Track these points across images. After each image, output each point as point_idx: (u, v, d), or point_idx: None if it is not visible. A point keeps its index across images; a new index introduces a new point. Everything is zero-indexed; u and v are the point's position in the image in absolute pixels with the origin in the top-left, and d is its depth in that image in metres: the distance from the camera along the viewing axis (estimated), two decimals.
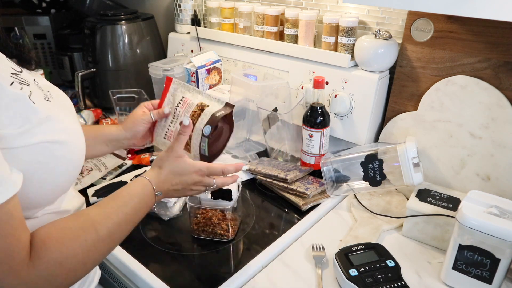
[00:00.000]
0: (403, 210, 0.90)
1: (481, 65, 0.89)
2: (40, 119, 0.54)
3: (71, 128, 0.60)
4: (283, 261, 0.81)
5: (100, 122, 1.40)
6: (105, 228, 0.58)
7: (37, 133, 0.53)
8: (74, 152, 0.60)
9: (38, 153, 0.54)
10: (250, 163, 1.10)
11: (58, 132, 0.57)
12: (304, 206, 0.95)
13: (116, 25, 1.40)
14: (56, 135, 0.56)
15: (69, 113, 0.64)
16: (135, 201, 0.64)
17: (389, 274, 0.71)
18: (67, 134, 0.58)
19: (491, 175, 0.90)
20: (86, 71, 1.42)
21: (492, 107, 0.88)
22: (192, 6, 1.39)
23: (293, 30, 1.16)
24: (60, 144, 0.57)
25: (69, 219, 0.57)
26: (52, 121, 0.56)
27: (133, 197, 0.64)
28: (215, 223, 0.85)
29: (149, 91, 1.32)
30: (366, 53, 1.01)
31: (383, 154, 0.92)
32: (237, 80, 1.16)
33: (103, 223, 0.58)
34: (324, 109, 1.04)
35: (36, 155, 0.54)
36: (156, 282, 0.74)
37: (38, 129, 0.54)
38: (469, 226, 0.68)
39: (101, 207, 0.61)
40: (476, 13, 0.64)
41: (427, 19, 0.95)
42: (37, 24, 1.65)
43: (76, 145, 0.61)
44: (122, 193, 0.64)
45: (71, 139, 0.59)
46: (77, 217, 0.58)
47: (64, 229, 0.55)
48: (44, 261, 0.51)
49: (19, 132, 0.51)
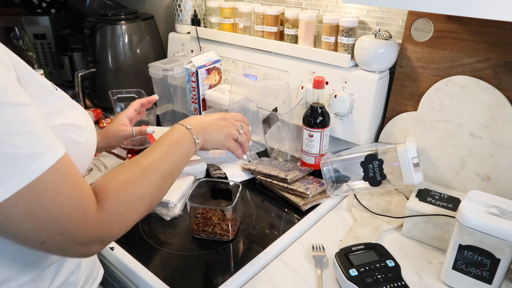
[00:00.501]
0: (403, 210, 0.90)
1: (481, 65, 0.89)
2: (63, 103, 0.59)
3: (84, 115, 0.64)
4: (283, 261, 0.81)
5: (100, 122, 1.40)
6: (150, 166, 0.62)
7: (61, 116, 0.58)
8: (90, 139, 0.64)
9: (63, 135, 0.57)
10: (250, 163, 1.10)
11: (76, 117, 0.61)
12: (304, 206, 0.95)
13: (116, 25, 1.40)
14: (76, 120, 0.60)
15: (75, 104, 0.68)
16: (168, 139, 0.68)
17: (389, 274, 0.71)
18: (82, 120, 0.62)
19: (491, 175, 0.90)
20: (86, 71, 1.42)
21: (492, 107, 0.88)
22: (192, 6, 1.39)
23: (293, 30, 1.16)
24: (80, 128, 0.61)
25: (121, 168, 0.61)
26: (72, 107, 0.61)
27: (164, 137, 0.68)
28: (215, 223, 0.85)
29: (149, 91, 1.32)
30: (366, 53, 1.01)
31: (383, 154, 0.92)
32: (237, 80, 1.16)
33: (152, 170, 0.62)
34: (324, 109, 1.04)
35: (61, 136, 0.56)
36: (156, 282, 0.74)
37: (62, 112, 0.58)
38: (469, 226, 0.68)
39: (142, 152, 0.65)
40: (476, 13, 0.64)
41: (427, 19, 0.95)
42: (37, 24, 1.65)
43: (91, 132, 0.65)
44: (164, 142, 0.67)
45: (86, 125, 0.63)
46: (129, 166, 0.61)
47: (119, 175, 0.59)
48: (110, 202, 0.54)
49: (47, 112, 0.55)
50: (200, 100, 1.24)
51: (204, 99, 1.24)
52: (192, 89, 1.24)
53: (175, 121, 1.35)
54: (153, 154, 0.64)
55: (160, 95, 1.34)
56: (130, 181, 0.58)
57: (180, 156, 0.67)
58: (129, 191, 0.57)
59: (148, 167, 0.61)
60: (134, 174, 0.59)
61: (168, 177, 0.64)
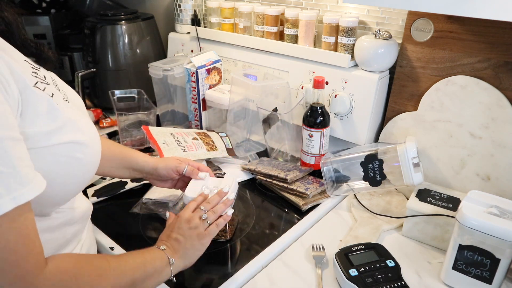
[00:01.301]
0: (403, 210, 0.90)
1: (481, 65, 0.89)
2: (63, 120, 0.56)
3: (89, 129, 0.62)
4: (283, 261, 0.81)
5: (100, 122, 1.40)
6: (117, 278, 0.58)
7: (60, 134, 0.55)
8: (92, 153, 0.61)
9: (61, 154, 0.55)
10: (250, 163, 1.10)
11: (78, 133, 0.58)
12: (304, 206, 0.95)
13: (116, 25, 1.40)
14: (76, 136, 0.58)
15: (84, 114, 0.66)
16: (150, 271, 0.63)
17: (389, 274, 0.71)
18: (85, 135, 0.60)
19: (491, 175, 0.90)
20: (86, 71, 1.42)
21: (492, 107, 0.88)
22: (192, 6, 1.39)
23: (293, 30, 1.16)
24: (80, 145, 0.58)
25: (88, 255, 0.60)
26: (72, 122, 0.58)
27: (148, 266, 0.63)
28: None
29: (149, 91, 1.32)
30: (366, 53, 1.01)
31: (383, 154, 0.92)
32: (237, 80, 1.16)
33: (116, 275, 0.58)
34: (324, 109, 1.04)
35: (59, 155, 0.55)
36: None
37: (61, 130, 0.55)
38: (469, 226, 0.68)
39: (121, 260, 0.61)
40: (476, 13, 0.64)
41: (427, 19, 0.95)
42: (37, 24, 1.65)
43: (94, 145, 0.62)
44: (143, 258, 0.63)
45: (89, 140, 0.61)
46: (96, 257, 0.60)
47: (85, 262, 0.57)
48: (56, 278, 0.51)
49: (45, 131, 0.53)
50: (200, 100, 1.24)
51: (204, 99, 1.25)
52: (192, 89, 1.24)
53: (175, 121, 1.36)
54: (129, 259, 0.61)
55: (160, 95, 1.34)
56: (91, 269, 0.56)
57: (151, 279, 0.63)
58: (82, 279, 0.54)
59: (114, 277, 0.58)
60: (98, 267, 0.57)
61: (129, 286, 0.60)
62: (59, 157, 0.55)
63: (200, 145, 1.10)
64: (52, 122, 0.54)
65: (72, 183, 0.60)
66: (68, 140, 0.56)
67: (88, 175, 0.63)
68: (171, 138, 1.08)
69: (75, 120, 0.59)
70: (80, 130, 0.59)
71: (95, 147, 0.63)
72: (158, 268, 0.64)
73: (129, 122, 1.24)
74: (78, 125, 0.59)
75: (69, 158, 0.56)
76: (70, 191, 0.62)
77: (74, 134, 0.57)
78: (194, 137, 1.12)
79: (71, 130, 0.57)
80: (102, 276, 0.57)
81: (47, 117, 0.53)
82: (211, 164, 1.13)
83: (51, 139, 0.54)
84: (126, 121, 1.24)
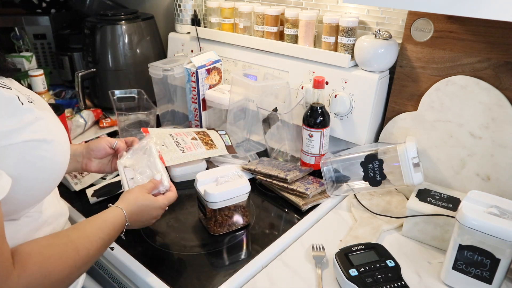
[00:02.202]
0: (403, 210, 0.90)
1: (481, 65, 0.89)
2: (29, 119, 0.56)
3: (57, 129, 0.63)
4: (283, 261, 0.81)
5: (100, 122, 1.40)
6: (84, 249, 0.61)
7: (25, 132, 0.55)
8: (60, 152, 0.62)
9: (26, 152, 0.55)
10: (250, 163, 1.10)
11: (45, 131, 0.59)
12: (304, 206, 0.94)
13: (116, 25, 1.40)
14: (43, 135, 0.58)
15: (51, 115, 0.65)
16: (110, 228, 0.67)
17: (389, 274, 0.71)
18: (53, 134, 0.60)
19: (491, 175, 0.90)
20: (86, 71, 1.42)
21: (492, 107, 0.88)
22: (192, 6, 1.39)
23: (293, 30, 1.16)
24: (47, 143, 0.58)
25: (50, 238, 0.59)
26: (39, 121, 0.58)
27: (108, 224, 0.68)
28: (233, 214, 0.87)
29: (149, 91, 1.32)
30: (366, 53, 1.01)
31: (383, 154, 0.92)
32: (237, 80, 1.16)
33: (82, 244, 0.61)
34: (324, 109, 1.04)
35: (24, 154, 0.55)
36: (156, 282, 0.74)
37: (27, 128, 0.56)
38: (469, 226, 0.68)
39: (80, 230, 0.64)
40: (476, 13, 0.64)
41: (427, 19, 0.95)
42: (37, 24, 1.65)
43: (62, 144, 0.63)
44: (99, 219, 0.68)
45: (57, 139, 0.61)
46: (58, 237, 0.60)
47: (47, 246, 0.57)
48: (29, 273, 0.52)
49: (8, 130, 0.53)
50: (200, 100, 1.24)
51: (204, 99, 1.25)
52: (192, 89, 1.24)
53: (175, 121, 1.36)
54: (92, 239, 0.63)
55: (160, 95, 1.34)
56: (58, 256, 0.56)
57: (111, 239, 0.68)
58: (54, 268, 0.55)
59: (83, 251, 0.60)
60: (64, 250, 0.58)
61: (96, 257, 0.64)
62: (25, 154, 0.55)
63: (199, 144, 1.10)
64: (18, 121, 0.55)
65: (40, 183, 0.60)
66: (33, 138, 0.56)
67: (57, 174, 0.63)
68: (170, 140, 1.08)
69: (42, 119, 0.59)
70: (47, 129, 0.59)
71: (62, 146, 0.63)
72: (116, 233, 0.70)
73: (129, 122, 1.24)
74: (45, 124, 0.60)
75: (34, 157, 0.56)
76: (39, 192, 0.62)
77: (40, 133, 0.58)
78: (193, 137, 1.12)
79: (37, 129, 0.57)
80: (69, 255, 0.58)
81: (11, 118, 0.54)
82: (211, 164, 1.13)
83: (14, 138, 0.54)
84: (126, 121, 1.24)
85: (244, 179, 0.86)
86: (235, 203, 0.86)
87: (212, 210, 0.85)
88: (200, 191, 0.85)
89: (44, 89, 1.38)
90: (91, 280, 0.93)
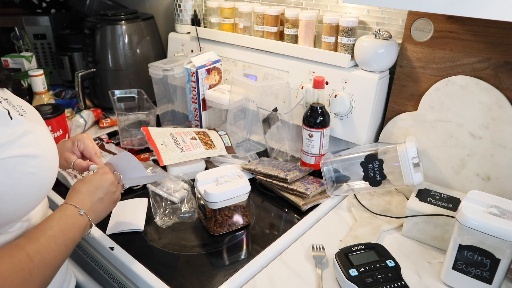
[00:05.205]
0: (403, 210, 0.90)
1: (481, 65, 0.89)
2: (18, 133, 0.55)
3: (45, 143, 0.61)
4: (283, 261, 0.81)
5: (100, 122, 1.40)
6: (37, 254, 0.56)
7: (13, 147, 0.54)
8: (47, 168, 0.60)
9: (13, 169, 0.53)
10: (250, 163, 1.10)
11: (34, 146, 0.57)
12: (304, 206, 0.94)
13: (116, 25, 1.40)
14: (31, 150, 0.56)
15: (42, 127, 0.64)
16: (60, 222, 0.62)
17: (389, 274, 0.71)
18: (41, 148, 0.59)
19: (491, 175, 0.90)
20: (86, 71, 1.42)
21: (492, 107, 0.88)
22: (192, 6, 1.39)
23: (293, 30, 1.16)
24: (35, 158, 0.57)
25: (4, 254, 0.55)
26: (28, 135, 0.57)
27: (54, 219, 0.62)
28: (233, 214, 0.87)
29: (149, 91, 1.32)
30: (366, 53, 1.01)
31: (383, 154, 0.92)
32: (237, 80, 1.16)
33: (33, 249, 0.56)
34: (324, 109, 1.04)
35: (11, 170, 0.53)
36: (156, 282, 0.74)
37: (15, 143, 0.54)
38: (469, 226, 0.68)
39: (27, 235, 0.59)
40: (476, 13, 0.64)
41: (427, 19, 0.95)
42: (37, 24, 1.65)
43: (49, 159, 0.61)
44: (45, 220, 0.62)
45: (45, 154, 0.59)
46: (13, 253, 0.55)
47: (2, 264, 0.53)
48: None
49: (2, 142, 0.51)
50: (200, 100, 1.24)
51: (204, 99, 1.25)
52: (192, 89, 1.24)
53: (175, 121, 1.36)
54: (41, 239, 0.58)
55: (160, 95, 1.34)
56: (14, 273, 0.52)
57: (70, 243, 0.62)
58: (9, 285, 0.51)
59: (36, 256, 0.55)
60: (19, 265, 0.53)
61: (56, 266, 0.59)
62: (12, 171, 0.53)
63: (199, 144, 1.10)
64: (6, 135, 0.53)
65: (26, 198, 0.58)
66: (20, 153, 0.54)
67: (43, 190, 0.61)
68: (170, 139, 1.08)
69: (31, 134, 0.58)
70: (35, 144, 0.58)
71: (50, 162, 0.61)
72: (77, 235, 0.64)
73: (129, 122, 1.24)
74: (34, 138, 0.58)
75: (21, 173, 0.55)
76: (26, 207, 0.60)
77: (28, 148, 0.56)
78: (192, 137, 1.12)
79: (25, 144, 0.56)
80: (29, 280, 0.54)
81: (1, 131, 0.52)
82: (211, 164, 1.13)
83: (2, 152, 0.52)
84: (126, 121, 1.24)
85: (244, 179, 0.86)
86: (235, 203, 0.86)
87: (212, 210, 0.85)
88: (200, 191, 0.85)
89: (44, 89, 1.38)
90: (91, 280, 0.94)
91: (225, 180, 0.86)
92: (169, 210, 0.93)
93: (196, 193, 0.89)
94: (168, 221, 0.90)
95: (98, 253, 0.89)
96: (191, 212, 0.93)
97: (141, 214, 0.92)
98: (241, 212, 0.88)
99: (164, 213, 0.92)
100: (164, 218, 0.91)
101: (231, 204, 0.85)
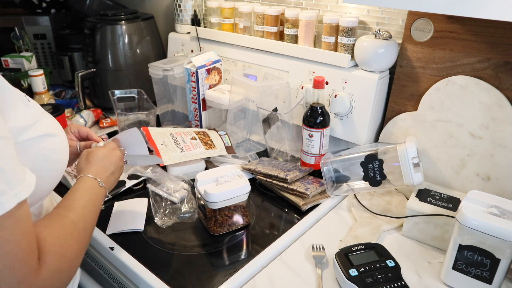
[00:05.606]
0: (403, 210, 0.90)
1: (481, 65, 0.89)
2: (37, 114, 0.60)
3: (57, 124, 0.66)
4: (283, 261, 0.81)
5: (100, 122, 1.40)
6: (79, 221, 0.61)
7: (37, 127, 0.58)
8: (64, 145, 0.65)
9: (42, 146, 0.58)
10: (250, 163, 1.10)
11: (51, 126, 0.62)
12: (304, 206, 0.94)
13: (116, 25, 1.40)
14: (50, 129, 0.61)
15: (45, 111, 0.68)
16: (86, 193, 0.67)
17: (389, 274, 0.71)
18: (56, 128, 0.63)
19: (491, 175, 0.90)
20: (86, 71, 1.42)
21: (492, 107, 0.88)
22: (192, 6, 1.39)
23: (293, 30, 1.16)
24: (54, 136, 0.62)
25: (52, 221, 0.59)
26: (43, 117, 0.61)
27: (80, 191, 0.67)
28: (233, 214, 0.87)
29: (149, 91, 1.32)
30: (366, 53, 1.01)
31: (383, 154, 0.92)
32: (237, 80, 1.16)
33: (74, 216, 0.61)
34: (324, 109, 1.04)
35: (40, 147, 0.57)
36: (156, 282, 0.74)
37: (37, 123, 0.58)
38: (469, 226, 0.68)
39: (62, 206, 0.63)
40: (476, 13, 0.64)
41: (427, 19, 0.95)
42: (37, 24, 1.65)
43: (64, 138, 0.66)
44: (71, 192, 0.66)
45: (59, 132, 0.64)
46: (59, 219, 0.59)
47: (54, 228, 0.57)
48: (51, 258, 0.52)
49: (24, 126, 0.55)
50: (200, 100, 1.24)
51: (204, 99, 1.25)
52: (192, 89, 1.24)
53: (175, 121, 1.36)
54: (77, 208, 0.63)
55: (160, 95, 1.34)
56: (67, 235, 0.57)
57: (98, 211, 0.68)
58: (69, 247, 0.56)
59: (78, 222, 0.60)
60: (68, 229, 0.58)
61: (91, 233, 0.65)
62: (41, 149, 0.57)
63: (199, 144, 1.10)
64: (29, 117, 0.57)
65: (54, 174, 0.63)
66: (44, 132, 0.59)
67: (64, 166, 0.65)
68: (170, 139, 1.09)
69: (46, 114, 0.63)
70: (51, 124, 0.63)
71: (65, 140, 0.66)
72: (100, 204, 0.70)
73: (129, 122, 1.24)
74: (50, 119, 0.64)
75: (48, 150, 0.59)
76: (52, 183, 0.64)
77: (48, 127, 0.61)
78: (192, 137, 1.13)
79: (44, 123, 0.60)
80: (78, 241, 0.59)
81: (24, 112, 0.56)
82: (211, 164, 1.13)
83: (31, 132, 0.56)
84: (126, 121, 1.24)
85: (244, 179, 0.86)
86: (235, 203, 0.86)
87: (212, 210, 0.85)
88: (200, 191, 0.85)
89: (44, 89, 1.39)
90: (91, 280, 0.93)
91: (225, 180, 0.86)
92: (169, 210, 0.93)
93: (196, 193, 0.89)
94: (168, 221, 0.90)
95: (98, 253, 0.89)
96: (191, 212, 0.93)
97: (141, 214, 0.92)
98: (241, 212, 0.88)
99: (164, 213, 0.92)
100: (164, 218, 0.91)
101: (231, 204, 0.85)
